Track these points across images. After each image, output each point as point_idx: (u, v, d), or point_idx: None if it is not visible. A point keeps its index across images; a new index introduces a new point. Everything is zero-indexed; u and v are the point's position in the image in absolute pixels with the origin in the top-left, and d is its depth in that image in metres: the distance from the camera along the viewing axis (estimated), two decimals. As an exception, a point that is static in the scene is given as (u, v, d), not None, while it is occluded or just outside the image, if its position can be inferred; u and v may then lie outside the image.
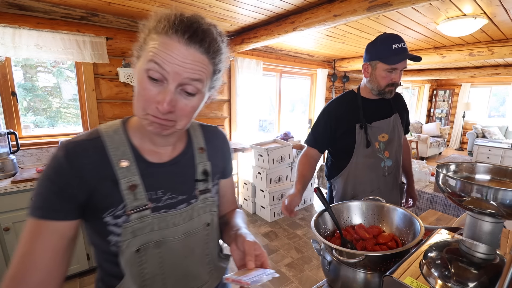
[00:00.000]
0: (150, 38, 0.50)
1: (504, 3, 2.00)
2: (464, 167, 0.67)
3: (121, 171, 0.54)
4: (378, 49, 1.18)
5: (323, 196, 0.89)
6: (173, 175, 0.61)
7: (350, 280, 0.71)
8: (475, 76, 5.43)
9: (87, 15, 2.26)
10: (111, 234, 0.54)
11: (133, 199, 0.54)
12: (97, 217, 0.54)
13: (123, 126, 0.59)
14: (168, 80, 0.49)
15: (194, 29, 0.49)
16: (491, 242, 0.55)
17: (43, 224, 0.49)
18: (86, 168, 0.52)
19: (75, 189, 0.51)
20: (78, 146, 0.53)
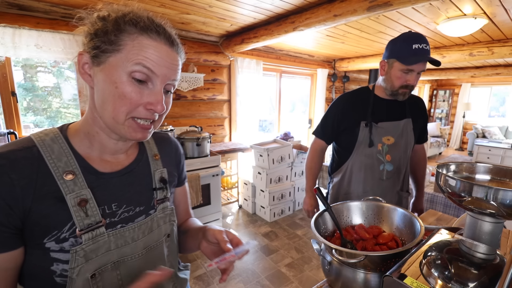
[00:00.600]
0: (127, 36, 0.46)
1: (504, 3, 2.00)
2: (464, 167, 0.67)
3: (67, 185, 0.47)
4: (397, 47, 1.11)
5: (323, 196, 0.89)
6: (128, 185, 0.55)
7: (350, 280, 0.71)
8: (475, 76, 5.43)
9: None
10: (56, 262, 0.45)
11: (84, 216, 0.47)
12: (35, 244, 0.45)
13: (63, 134, 0.51)
14: (153, 81, 0.48)
15: (168, 30, 0.50)
16: (491, 242, 0.55)
17: None
18: (16, 185, 0.43)
19: (3, 215, 0.42)
20: (3, 159, 0.43)
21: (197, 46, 3.09)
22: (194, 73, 2.95)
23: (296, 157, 3.32)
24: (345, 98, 1.29)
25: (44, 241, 0.45)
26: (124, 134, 0.49)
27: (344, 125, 1.26)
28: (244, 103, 3.56)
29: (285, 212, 3.33)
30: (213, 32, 2.94)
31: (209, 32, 2.91)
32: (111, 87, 0.46)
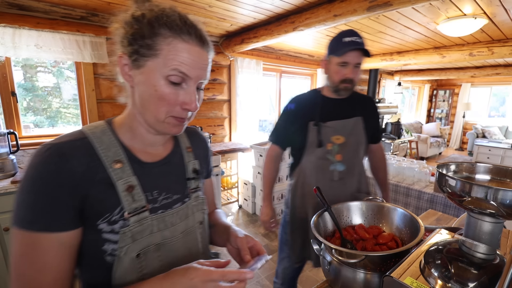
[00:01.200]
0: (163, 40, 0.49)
1: (504, 3, 2.00)
2: (464, 167, 0.67)
3: (116, 172, 0.52)
4: (332, 44, 1.16)
5: (323, 196, 0.89)
6: (167, 175, 0.61)
7: (350, 280, 0.71)
8: (475, 76, 5.43)
9: (87, 15, 2.26)
10: (107, 243, 0.50)
11: (131, 201, 0.52)
12: (89, 225, 0.50)
13: (110, 127, 0.56)
14: (187, 82, 0.52)
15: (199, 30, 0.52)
16: (491, 242, 0.55)
17: (41, 237, 0.45)
18: (76, 172, 0.47)
19: (66, 197, 0.46)
20: (64, 147, 0.48)
21: (197, 46, 3.09)
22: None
23: (296, 157, 3.33)
24: (294, 100, 1.29)
25: (97, 223, 0.50)
26: (163, 130, 0.55)
27: (294, 127, 1.25)
28: (244, 103, 3.55)
29: (285, 212, 3.33)
30: (213, 32, 2.94)
31: (209, 32, 2.91)
32: (151, 90, 0.50)
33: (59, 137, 0.51)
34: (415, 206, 2.21)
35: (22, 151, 2.19)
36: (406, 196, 2.27)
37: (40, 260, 0.45)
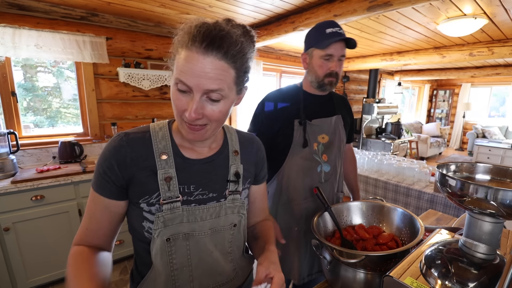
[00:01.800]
0: (176, 53, 0.54)
1: (504, 3, 2.00)
2: (464, 167, 0.67)
3: (160, 162, 0.60)
4: (313, 36, 1.08)
5: (323, 196, 0.89)
6: (206, 173, 0.65)
7: (350, 280, 0.71)
8: (475, 76, 5.43)
9: (87, 15, 2.26)
10: (145, 220, 0.59)
11: (167, 189, 0.59)
12: (134, 202, 0.60)
13: (168, 125, 0.65)
14: (193, 91, 0.53)
15: (212, 37, 0.50)
16: (491, 242, 0.55)
17: (97, 197, 0.59)
18: (128, 156, 0.58)
19: (114, 175, 0.58)
20: (126, 136, 0.60)
21: (197, 46, 3.09)
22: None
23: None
24: (273, 97, 1.16)
25: (139, 201, 0.59)
26: (183, 133, 0.59)
27: (277, 126, 1.12)
28: (244, 103, 3.55)
29: (285, 212, 3.32)
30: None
31: (209, 32, 2.91)
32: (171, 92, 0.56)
33: (132, 128, 0.63)
34: (415, 206, 2.21)
35: (22, 151, 2.19)
36: (406, 196, 2.27)
37: (92, 211, 0.60)
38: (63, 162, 2.22)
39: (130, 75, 2.52)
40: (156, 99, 2.89)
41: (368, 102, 4.85)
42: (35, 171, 1.95)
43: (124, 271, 2.20)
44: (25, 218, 1.79)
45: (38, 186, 1.81)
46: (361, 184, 2.65)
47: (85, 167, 2.08)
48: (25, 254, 1.83)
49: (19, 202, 1.77)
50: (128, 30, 2.59)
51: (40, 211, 1.85)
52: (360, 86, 5.47)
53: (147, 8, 2.14)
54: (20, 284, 1.84)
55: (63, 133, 2.51)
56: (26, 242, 1.83)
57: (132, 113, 2.75)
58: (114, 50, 2.53)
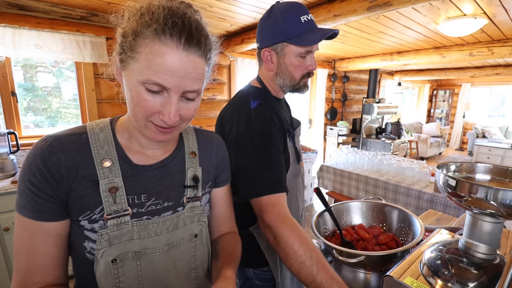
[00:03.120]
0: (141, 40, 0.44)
1: (504, 3, 2.00)
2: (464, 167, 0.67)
3: (103, 171, 0.50)
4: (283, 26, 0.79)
5: (323, 196, 0.89)
6: (160, 180, 0.56)
7: (350, 280, 0.71)
8: (475, 76, 5.43)
9: (87, 15, 2.26)
10: (87, 240, 0.49)
11: (112, 202, 0.50)
12: (73, 220, 0.50)
13: (111, 125, 0.55)
14: (169, 93, 0.46)
15: (188, 29, 0.44)
16: (491, 242, 0.55)
17: (31, 224, 0.47)
18: (62, 165, 0.47)
19: (51, 189, 0.47)
20: (56, 141, 0.48)
21: (197, 46, 3.09)
22: (194, 73, 2.95)
23: (296, 157, 3.32)
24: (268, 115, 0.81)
25: (79, 219, 0.49)
26: (146, 135, 0.51)
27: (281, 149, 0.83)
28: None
29: (285, 212, 3.32)
30: (213, 32, 2.92)
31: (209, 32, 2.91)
32: (129, 93, 0.47)
33: (64, 130, 0.51)
34: (415, 206, 2.22)
35: (22, 151, 2.19)
36: (406, 196, 2.27)
37: (28, 243, 0.48)
38: (63, 162, 2.22)
39: (130, 75, 2.52)
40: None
41: (368, 102, 4.85)
42: (35, 171, 1.95)
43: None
44: (25, 218, 1.80)
45: (38, 186, 1.81)
46: (361, 184, 2.65)
47: (85, 167, 2.08)
48: (25, 254, 1.83)
49: (19, 202, 1.77)
50: (128, 30, 2.59)
51: (40, 211, 1.85)
52: (360, 86, 5.47)
53: (147, 8, 2.14)
54: (20, 284, 1.84)
55: (63, 133, 2.51)
56: (26, 242, 1.83)
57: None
58: (114, 50, 2.53)
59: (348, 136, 4.84)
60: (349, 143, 4.87)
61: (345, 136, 4.78)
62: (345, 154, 2.97)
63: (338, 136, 4.66)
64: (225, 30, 2.86)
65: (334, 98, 4.95)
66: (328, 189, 3.06)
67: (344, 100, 5.10)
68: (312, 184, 3.63)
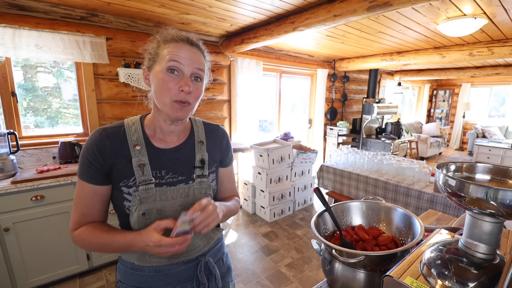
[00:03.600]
0: (162, 48, 0.70)
1: (504, 3, 2.00)
2: (464, 167, 0.67)
3: (134, 152, 0.72)
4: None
5: (322, 196, 0.89)
6: (175, 160, 0.77)
7: (350, 280, 0.71)
8: (475, 76, 5.43)
9: (87, 15, 2.26)
10: (125, 200, 0.71)
11: (141, 174, 0.71)
12: (116, 186, 0.71)
13: (140, 120, 0.77)
14: (183, 72, 0.69)
15: (191, 37, 0.72)
16: (491, 242, 0.55)
17: (85, 185, 0.70)
18: (107, 148, 0.70)
19: (99, 164, 0.69)
20: (104, 131, 0.72)
21: (197, 46, 3.09)
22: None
23: (296, 157, 3.32)
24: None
25: (120, 185, 0.71)
26: (171, 113, 0.70)
27: None
28: (244, 103, 3.55)
29: (285, 212, 3.33)
30: (213, 33, 2.94)
31: (209, 32, 2.91)
32: (158, 81, 0.69)
33: (109, 124, 0.74)
34: (415, 206, 2.22)
35: (22, 151, 2.19)
36: (406, 196, 2.27)
37: (83, 198, 0.71)
38: (63, 162, 2.22)
39: (130, 75, 2.52)
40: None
41: (368, 102, 4.85)
42: (35, 171, 1.95)
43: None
44: (25, 218, 1.80)
45: (38, 186, 1.81)
46: (361, 184, 2.65)
47: (85, 167, 2.08)
48: (25, 254, 1.84)
49: (19, 202, 1.77)
50: (128, 30, 2.59)
51: (40, 211, 1.85)
52: (360, 86, 5.47)
53: (147, 8, 2.14)
54: (20, 284, 1.84)
55: (63, 133, 2.51)
56: (26, 242, 1.83)
57: (132, 113, 2.75)
58: (114, 50, 2.53)
59: (348, 136, 4.84)
60: (349, 143, 4.87)
61: (345, 136, 4.78)
62: (345, 154, 2.97)
63: (338, 136, 4.66)
64: (225, 30, 2.86)
65: (334, 98, 4.95)
66: (328, 189, 3.06)
67: (344, 100, 5.10)
68: (312, 184, 3.64)
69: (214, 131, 0.88)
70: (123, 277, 0.77)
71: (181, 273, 0.77)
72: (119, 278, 0.79)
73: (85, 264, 2.09)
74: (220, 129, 0.90)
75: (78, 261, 2.06)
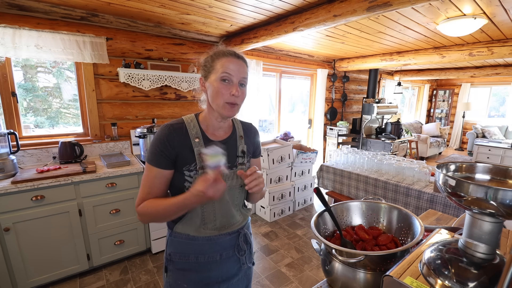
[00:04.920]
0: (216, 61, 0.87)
1: (504, 3, 2.00)
2: (464, 167, 0.67)
3: (195, 143, 0.88)
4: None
5: (322, 196, 0.89)
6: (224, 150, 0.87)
7: (350, 280, 0.71)
8: (475, 76, 5.43)
9: (87, 16, 2.26)
10: (186, 182, 0.87)
11: (200, 161, 0.87)
12: (179, 170, 0.87)
13: (196, 117, 0.94)
14: (233, 80, 0.86)
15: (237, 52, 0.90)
16: (491, 242, 0.55)
17: (156, 170, 0.86)
18: (175, 140, 0.86)
19: (168, 152, 0.85)
20: (171, 126, 0.88)
21: (197, 47, 3.09)
22: (194, 73, 2.95)
23: (296, 157, 3.32)
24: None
25: (183, 169, 0.87)
26: (224, 113, 0.87)
27: None
28: (244, 103, 3.55)
29: (285, 212, 3.33)
30: (213, 33, 2.94)
31: (209, 32, 2.91)
32: (213, 88, 0.87)
33: (172, 121, 0.90)
34: (415, 206, 2.22)
35: (22, 152, 2.19)
36: (406, 196, 2.28)
37: (151, 180, 0.87)
38: (63, 162, 2.22)
39: (130, 76, 2.52)
40: (156, 99, 2.89)
41: (368, 102, 4.85)
42: (35, 172, 1.95)
43: (125, 271, 2.20)
44: (25, 218, 1.80)
45: (38, 186, 1.81)
46: (361, 184, 2.66)
47: (86, 167, 2.08)
48: (25, 254, 1.84)
49: (19, 202, 1.77)
50: (128, 31, 2.59)
51: (40, 211, 1.85)
52: (360, 86, 5.47)
53: (147, 8, 2.14)
54: (20, 284, 1.84)
55: (63, 133, 2.51)
56: (27, 242, 1.83)
57: (132, 113, 2.75)
58: (114, 51, 2.53)
59: (348, 136, 4.84)
60: (349, 143, 4.87)
61: (345, 136, 4.78)
62: (345, 154, 2.97)
63: (338, 136, 4.66)
64: (225, 31, 2.86)
65: (334, 98, 4.95)
66: (328, 189, 3.06)
67: (344, 100, 5.10)
68: (312, 184, 3.64)
69: (248, 128, 1.06)
70: (176, 248, 0.92)
71: (227, 242, 0.96)
72: (170, 251, 0.93)
73: (85, 264, 2.09)
74: (253, 127, 1.09)
75: (78, 261, 2.06)
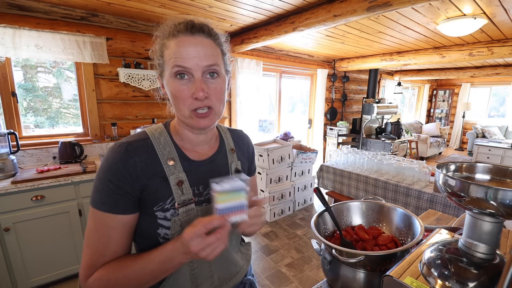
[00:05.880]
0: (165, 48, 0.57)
1: (504, 3, 2.00)
2: (464, 167, 0.67)
3: (169, 168, 0.60)
4: None
5: (322, 196, 0.89)
6: (211, 172, 0.67)
7: (350, 280, 0.71)
8: (475, 76, 5.43)
9: (87, 16, 2.26)
10: (160, 227, 0.59)
11: (181, 193, 0.60)
12: (148, 211, 0.59)
13: (166, 129, 0.66)
14: (193, 74, 0.56)
15: (192, 24, 0.57)
16: (491, 242, 0.55)
17: (110, 217, 0.56)
18: (138, 166, 0.57)
19: (129, 187, 0.56)
20: (130, 146, 0.58)
21: (197, 46, 3.09)
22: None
23: (296, 157, 3.32)
24: None
25: (154, 209, 0.58)
26: (194, 125, 0.60)
27: None
28: (244, 103, 3.55)
29: (285, 212, 3.33)
30: (213, 32, 2.94)
31: (209, 32, 2.91)
32: (170, 92, 0.58)
33: (129, 137, 0.61)
34: (415, 206, 2.22)
35: (22, 151, 2.19)
36: (406, 196, 2.28)
37: (105, 234, 0.56)
38: (63, 162, 2.22)
39: (130, 76, 2.52)
40: (156, 99, 2.89)
41: (368, 102, 4.85)
42: (35, 171, 1.95)
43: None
44: (25, 218, 1.80)
45: (38, 186, 1.81)
46: (361, 184, 2.66)
47: (86, 167, 2.08)
48: (25, 254, 1.84)
49: (19, 202, 1.77)
50: (128, 31, 2.59)
51: (41, 211, 1.85)
52: (360, 86, 5.47)
53: (147, 8, 2.14)
54: (20, 284, 1.84)
55: (63, 133, 2.51)
56: (27, 242, 1.83)
57: (132, 113, 2.75)
58: (114, 51, 2.53)
59: (348, 136, 4.84)
60: (349, 143, 4.87)
61: (345, 136, 4.78)
62: (345, 154, 2.97)
63: (338, 136, 4.66)
64: (225, 31, 2.86)
65: (334, 98, 4.95)
66: (328, 189, 3.06)
67: (344, 100, 5.10)
68: (312, 184, 3.64)
69: (240, 137, 0.79)
70: None
71: None
72: None
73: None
74: (245, 135, 0.82)
75: (78, 261, 2.06)
